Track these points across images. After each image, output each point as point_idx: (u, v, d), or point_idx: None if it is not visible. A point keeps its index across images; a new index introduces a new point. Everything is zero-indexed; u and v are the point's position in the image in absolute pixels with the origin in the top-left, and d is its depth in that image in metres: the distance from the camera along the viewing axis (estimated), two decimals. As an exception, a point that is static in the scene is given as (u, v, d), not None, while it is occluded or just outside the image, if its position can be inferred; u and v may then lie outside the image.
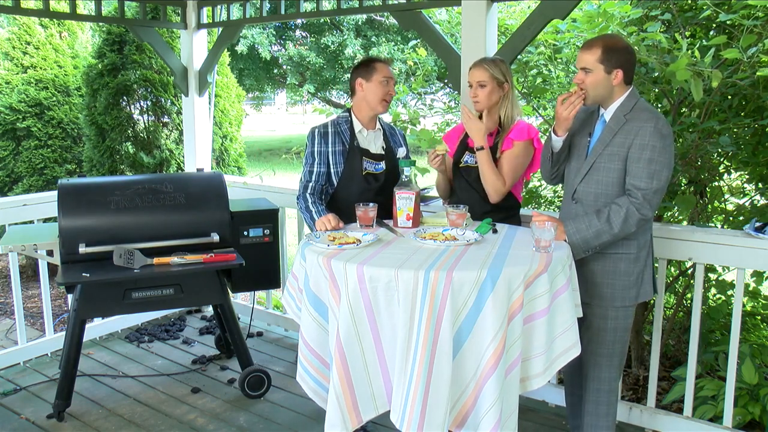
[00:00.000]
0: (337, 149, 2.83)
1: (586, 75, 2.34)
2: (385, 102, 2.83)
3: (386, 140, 2.95)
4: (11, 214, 3.66)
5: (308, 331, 2.16)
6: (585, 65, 2.34)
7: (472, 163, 2.78)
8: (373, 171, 2.86)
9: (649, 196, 2.27)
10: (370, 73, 2.82)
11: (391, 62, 2.92)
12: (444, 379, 1.88)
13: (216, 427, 3.09)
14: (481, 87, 2.70)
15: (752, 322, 3.61)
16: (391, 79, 2.83)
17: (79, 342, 3.08)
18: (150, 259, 3.04)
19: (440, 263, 1.97)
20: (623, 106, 2.36)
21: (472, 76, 2.73)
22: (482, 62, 2.74)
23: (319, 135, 2.85)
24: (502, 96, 2.74)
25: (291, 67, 18.37)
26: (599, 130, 2.42)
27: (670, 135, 2.30)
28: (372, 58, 2.89)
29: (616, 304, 2.43)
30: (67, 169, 5.90)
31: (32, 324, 4.66)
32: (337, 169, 2.83)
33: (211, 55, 4.48)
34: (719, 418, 2.84)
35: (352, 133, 2.86)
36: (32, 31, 5.93)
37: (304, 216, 2.81)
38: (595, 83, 2.34)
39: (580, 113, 2.56)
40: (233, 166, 5.72)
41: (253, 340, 4.11)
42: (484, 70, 2.69)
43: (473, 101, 2.76)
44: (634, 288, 2.43)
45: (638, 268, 2.42)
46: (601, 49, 2.31)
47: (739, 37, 2.85)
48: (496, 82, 2.70)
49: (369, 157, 2.85)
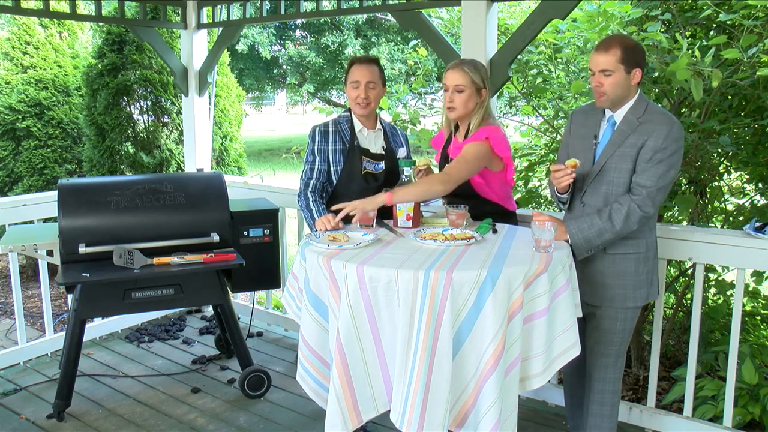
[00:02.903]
0: (338, 148, 2.82)
1: (606, 77, 2.28)
2: (358, 105, 2.79)
3: (387, 140, 2.94)
4: (11, 214, 3.66)
5: (308, 331, 2.16)
6: (605, 67, 2.27)
7: None
8: (373, 171, 2.85)
9: (652, 194, 2.26)
10: (347, 76, 2.83)
11: (369, 62, 2.82)
12: (444, 379, 1.89)
13: (216, 427, 3.09)
14: (458, 92, 2.52)
15: (752, 322, 3.61)
16: (360, 83, 2.76)
17: (79, 342, 3.08)
18: (150, 259, 3.04)
19: (440, 263, 1.97)
20: (634, 109, 2.32)
21: (449, 78, 2.53)
22: (461, 64, 2.54)
23: (319, 133, 2.85)
24: (479, 103, 2.56)
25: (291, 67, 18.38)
26: (609, 133, 2.39)
27: (682, 138, 2.29)
28: (353, 59, 2.85)
29: (628, 305, 2.41)
30: (67, 169, 5.90)
31: (32, 324, 4.66)
32: (336, 167, 2.83)
33: (211, 55, 4.48)
34: (719, 418, 2.84)
35: (353, 132, 2.85)
36: (32, 31, 5.93)
37: (304, 214, 2.82)
38: (615, 85, 2.28)
39: (580, 116, 2.54)
40: (233, 166, 5.72)
41: (253, 340, 4.11)
42: (464, 74, 2.51)
43: (447, 107, 2.57)
44: (645, 288, 2.42)
45: (648, 267, 2.42)
46: (620, 50, 2.25)
47: (739, 37, 2.85)
48: (475, 87, 2.52)
49: (369, 156, 2.85)
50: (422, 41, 3.85)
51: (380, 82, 2.83)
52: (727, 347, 2.85)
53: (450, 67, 2.58)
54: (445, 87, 2.57)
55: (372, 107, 2.83)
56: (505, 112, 4.85)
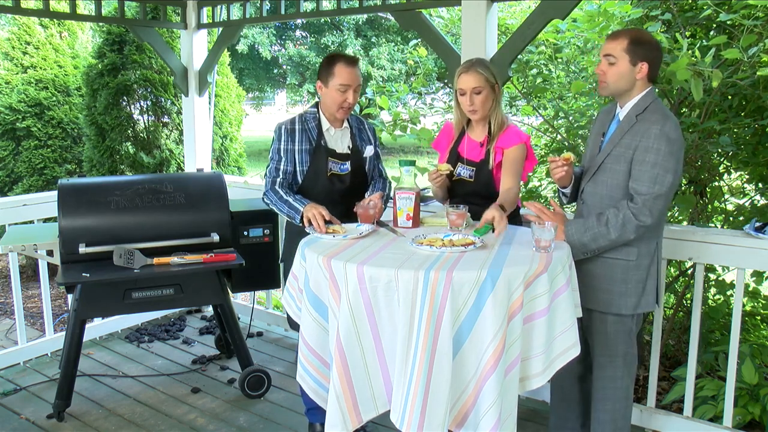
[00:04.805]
0: (304, 147, 2.72)
1: (609, 65, 2.26)
2: (342, 110, 2.67)
3: (353, 138, 2.83)
4: (11, 214, 3.66)
5: (308, 331, 2.16)
6: (610, 52, 2.25)
7: (466, 176, 2.67)
8: (338, 172, 2.76)
9: (649, 203, 2.20)
10: (329, 76, 2.64)
11: (356, 63, 2.67)
12: (444, 379, 1.88)
13: (216, 427, 3.09)
14: (476, 94, 2.53)
15: (752, 322, 3.61)
16: (350, 87, 2.61)
17: (79, 342, 3.08)
18: (150, 259, 3.04)
19: (440, 263, 1.97)
20: (637, 105, 2.28)
21: (464, 82, 2.53)
22: (472, 66, 2.55)
23: (285, 132, 2.72)
24: (495, 99, 2.59)
25: (291, 67, 18.39)
26: (612, 129, 2.37)
27: (678, 139, 2.21)
28: (336, 57, 2.66)
29: (613, 311, 2.38)
30: (67, 169, 5.90)
31: (32, 324, 4.66)
32: (303, 167, 2.73)
33: (211, 55, 4.48)
34: (719, 418, 2.84)
35: (320, 131, 2.73)
36: (32, 31, 5.93)
37: (279, 208, 2.67)
38: (617, 74, 2.26)
39: (602, 114, 2.52)
40: (233, 166, 5.72)
41: (253, 340, 4.11)
42: (478, 75, 2.51)
43: (469, 111, 2.57)
44: (633, 297, 2.35)
45: (638, 276, 2.34)
46: (628, 39, 2.23)
47: (739, 37, 2.85)
48: (490, 85, 2.54)
49: (334, 157, 2.74)
50: (422, 41, 3.85)
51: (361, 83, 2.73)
52: (727, 347, 2.85)
53: (462, 71, 2.56)
54: (461, 91, 2.56)
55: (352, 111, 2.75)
56: (506, 112, 4.84)
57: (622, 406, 2.48)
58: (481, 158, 2.64)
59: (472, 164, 2.66)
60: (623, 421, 2.49)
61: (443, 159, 2.76)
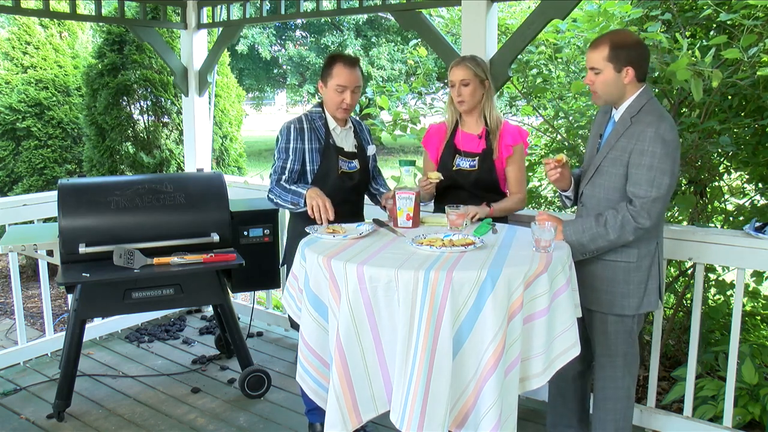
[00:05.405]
0: (314, 146, 2.73)
1: (596, 75, 2.26)
2: (341, 110, 2.70)
3: (357, 137, 2.87)
4: (11, 214, 3.66)
5: (308, 331, 2.16)
6: (593, 65, 2.25)
7: (467, 166, 2.73)
8: (348, 170, 2.78)
9: (647, 205, 2.20)
10: (329, 76, 2.68)
11: (355, 64, 2.70)
12: (444, 379, 1.88)
13: (216, 427, 3.09)
14: (464, 86, 2.68)
15: (752, 322, 3.61)
16: (347, 88, 2.65)
17: (79, 342, 3.08)
18: (150, 259, 3.04)
19: (440, 263, 1.97)
20: (631, 107, 2.27)
21: (454, 74, 2.70)
22: (463, 60, 2.72)
23: (295, 130, 2.72)
24: (484, 94, 2.73)
25: (291, 67, 18.39)
26: (608, 131, 2.37)
27: (674, 140, 2.19)
28: (336, 57, 2.70)
29: (615, 311, 2.39)
30: (67, 169, 5.90)
31: (32, 324, 4.66)
32: (313, 166, 2.74)
33: (211, 55, 4.48)
34: (719, 418, 2.84)
35: (327, 130, 2.75)
36: (32, 31, 5.93)
37: (284, 200, 2.65)
38: (604, 83, 2.25)
39: (599, 115, 2.53)
40: (233, 166, 5.72)
41: (253, 340, 4.11)
42: (467, 69, 2.68)
43: (457, 102, 2.73)
44: (635, 297, 2.36)
45: (639, 277, 2.35)
46: (608, 47, 2.21)
47: (739, 37, 2.85)
48: (479, 80, 2.69)
49: (343, 155, 2.77)
50: (422, 41, 3.85)
51: (362, 84, 2.76)
52: (727, 347, 2.85)
53: (453, 64, 2.73)
54: (451, 83, 2.73)
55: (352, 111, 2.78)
56: (505, 112, 4.85)
57: (623, 406, 2.48)
58: (482, 148, 2.73)
59: (471, 155, 2.75)
60: (624, 421, 2.50)
61: (437, 154, 2.84)
